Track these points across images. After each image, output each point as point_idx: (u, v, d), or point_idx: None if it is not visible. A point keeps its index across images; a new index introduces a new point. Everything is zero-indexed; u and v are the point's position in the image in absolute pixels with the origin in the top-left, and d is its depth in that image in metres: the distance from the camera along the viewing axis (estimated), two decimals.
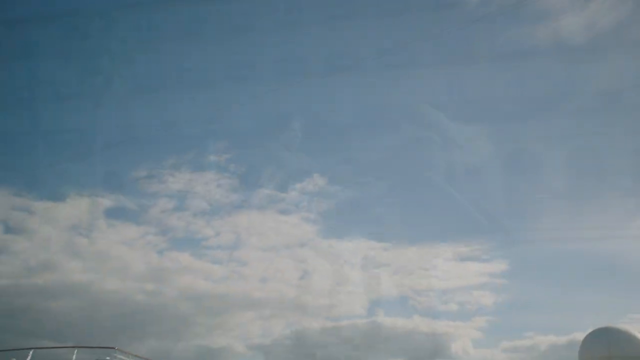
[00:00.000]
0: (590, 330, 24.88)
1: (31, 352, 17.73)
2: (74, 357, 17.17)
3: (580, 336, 25.89)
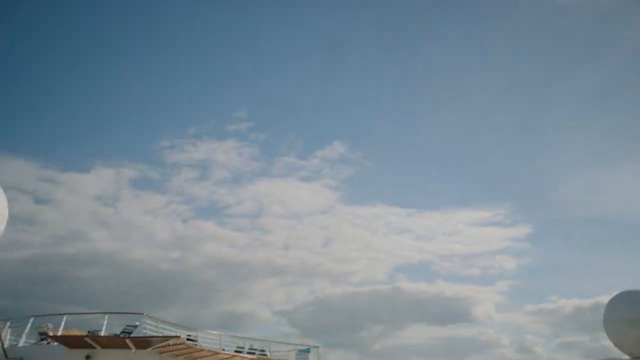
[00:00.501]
0: (615, 293, 24.70)
1: (64, 318, 18.31)
2: (105, 322, 17.68)
3: (605, 299, 25.70)
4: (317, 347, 25.35)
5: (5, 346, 17.45)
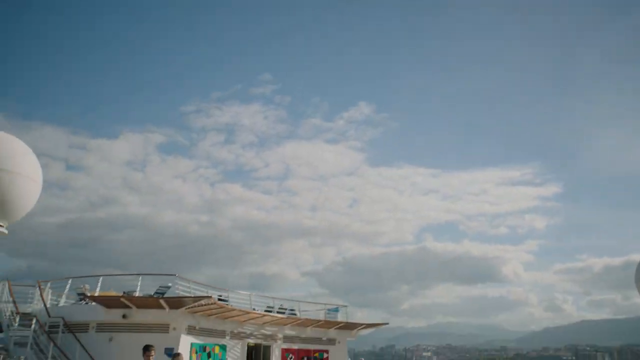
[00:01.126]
0: None
1: (100, 279, 18.96)
2: (139, 283, 18.24)
3: (636, 257, 25.20)
4: (345, 306, 25.74)
5: (48, 306, 18.26)
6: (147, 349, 7.65)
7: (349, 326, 24.70)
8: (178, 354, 7.46)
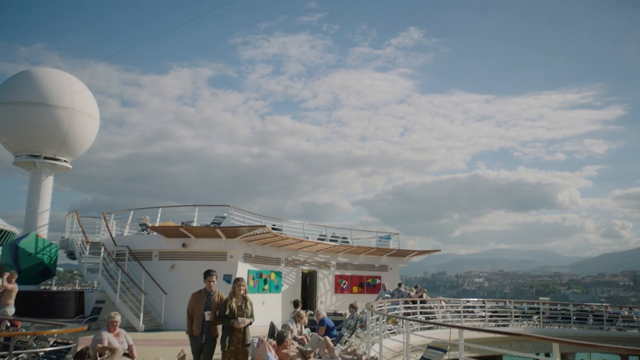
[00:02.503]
0: None
1: (160, 210, 19.73)
2: (196, 214, 18.88)
3: None
4: (397, 233, 25.91)
5: (113, 236, 19.31)
6: (208, 273, 7.54)
7: (401, 253, 24.95)
8: (239, 279, 7.15)
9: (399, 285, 21.83)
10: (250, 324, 7.19)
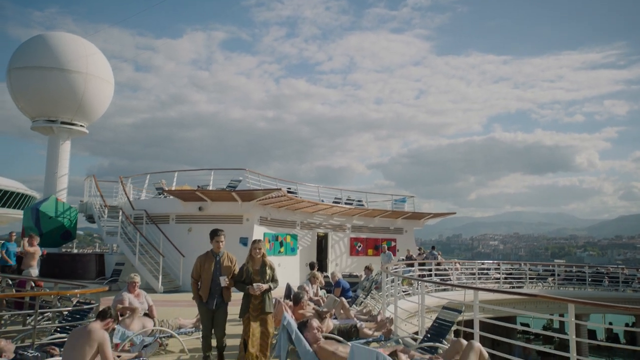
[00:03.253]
0: None
1: (176, 174, 19.87)
2: (211, 178, 18.98)
3: None
4: (412, 196, 25.88)
5: (131, 199, 19.56)
6: (215, 233, 6.66)
7: (416, 216, 24.96)
8: (256, 241, 6.48)
9: (432, 248, 23.16)
10: (270, 289, 6.44)
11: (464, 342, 5.06)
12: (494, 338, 7.35)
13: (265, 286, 6.32)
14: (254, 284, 6.28)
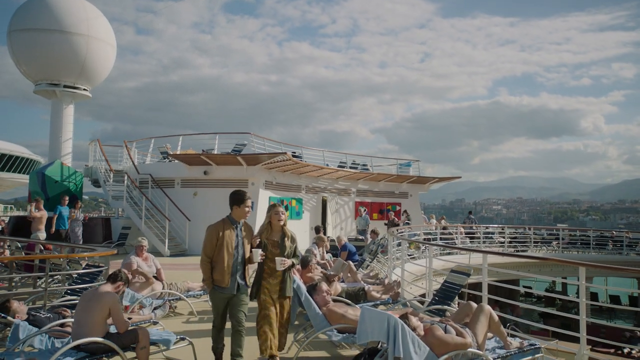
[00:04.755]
0: None
1: (180, 139, 19.75)
2: (216, 142, 18.87)
3: None
4: (417, 161, 25.74)
5: (136, 164, 19.53)
6: (242, 196, 5.25)
7: (421, 180, 24.89)
8: (275, 205, 5.35)
9: (469, 213, 24.93)
10: (293, 265, 5.22)
11: (474, 304, 5.06)
12: (497, 299, 7.40)
13: (289, 262, 5.12)
14: (276, 258, 5.04)
